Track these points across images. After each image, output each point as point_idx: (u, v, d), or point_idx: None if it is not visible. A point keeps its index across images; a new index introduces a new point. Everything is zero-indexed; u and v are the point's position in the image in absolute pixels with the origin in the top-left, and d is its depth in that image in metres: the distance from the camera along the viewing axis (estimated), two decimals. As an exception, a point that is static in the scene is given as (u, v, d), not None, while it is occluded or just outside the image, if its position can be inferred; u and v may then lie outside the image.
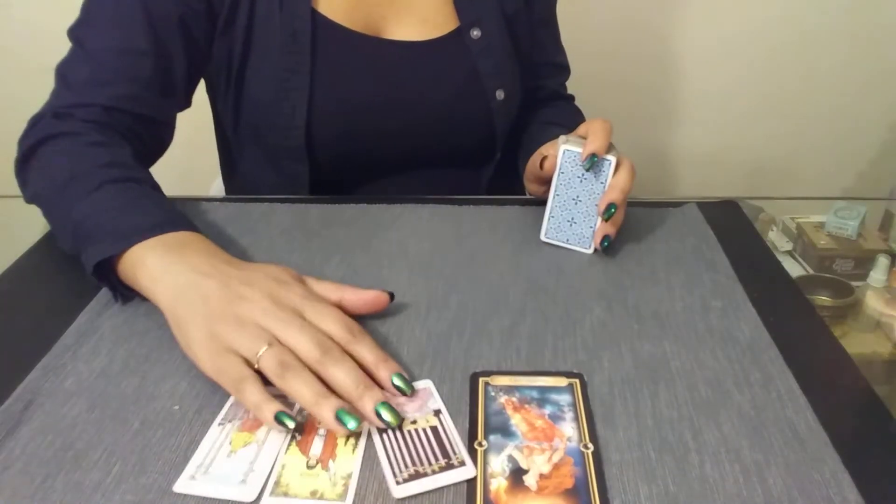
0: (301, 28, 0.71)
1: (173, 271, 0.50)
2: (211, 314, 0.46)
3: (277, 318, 0.46)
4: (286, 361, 0.44)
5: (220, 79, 0.77)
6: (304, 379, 0.43)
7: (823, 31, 1.46)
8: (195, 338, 0.46)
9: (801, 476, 0.40)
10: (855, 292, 0.78)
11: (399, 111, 0.77)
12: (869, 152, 1.61)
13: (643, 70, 1.51)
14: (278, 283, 0.49)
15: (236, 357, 0.44)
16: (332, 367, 0.44)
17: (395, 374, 0.46)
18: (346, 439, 0.43)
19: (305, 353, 0.44)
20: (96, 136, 0.64)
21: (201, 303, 0.47)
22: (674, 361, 0.50)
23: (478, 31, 0.78)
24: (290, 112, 0.73)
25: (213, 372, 0.45)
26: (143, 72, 0.68)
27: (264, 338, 0.45)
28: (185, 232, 0.54)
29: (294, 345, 0.45)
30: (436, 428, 0.43)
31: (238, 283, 0.48)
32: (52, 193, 0.60)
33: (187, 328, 0.47)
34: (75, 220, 0.56)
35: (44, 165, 0.63)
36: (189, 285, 0.49)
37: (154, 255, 0.51)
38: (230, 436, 0.43)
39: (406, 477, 0.40)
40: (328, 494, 0.39)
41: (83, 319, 0.54)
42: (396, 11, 0.77)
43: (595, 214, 0.63)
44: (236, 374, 0.44)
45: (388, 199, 0.73)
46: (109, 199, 0.57)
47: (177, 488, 0.39)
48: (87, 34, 0.68)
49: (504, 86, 0.81)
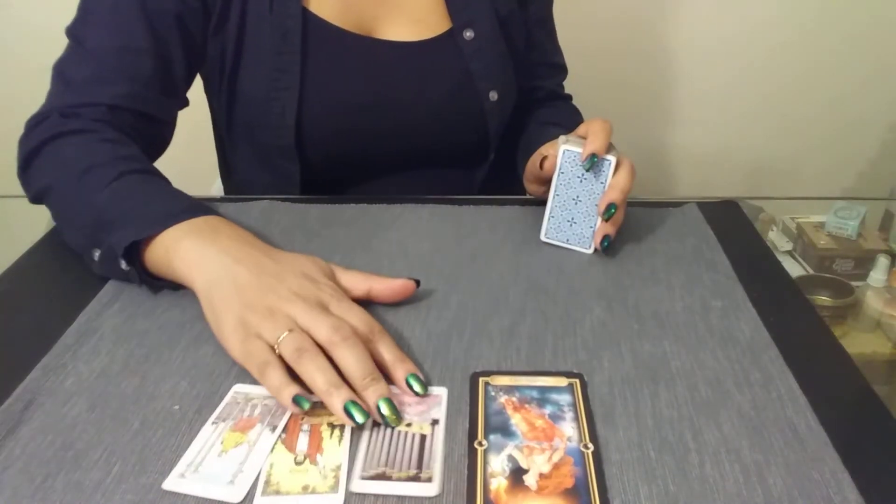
0: (292, 28, 0.71)
1: (208, 256, 0.52)
2: (243, 303, 0.48)
3: (303, 309, 0.47)
4: (303, 346, 0.45)
5: (214, 77, 0.77)
6: (318, 364, 0.44)
7: (823, 30, 1.46)
8: (227, 323, 0.48)
9: (801, 476, 0.40)
10: (855, 292, 0.78)
11: (391, 112, 0.77)
12: (869, 152, 1.61)
13: (643, 70, 1.51)
14: (308, 280, 0.51)
15: (263, 343, 0.46)
16: (345, 349, 0.45)
17: (411, 374, 0.46)
18: (331, 432, 0.43)
19: (322, 336, 0.46)
20: (109, 133, 0.64)
21: (235, 291, 0.49)
22: (674, 361, 0.50)
23: (471, 33, 0.78)
24: (280, 111, 0.73)
25: (241, 356, 0.47)
26: (143, 70, 0.68)
27: (287, 324, 0.46)
28: (215, 216, 0.56)
29: (313, 328, 0.46)
30: (424, 437, 0.43)
31: (270, 275, 0.50)
32: (67, 185, 0.60)
33: (220, 314, 0.49)
34: (98, 207, 0.57)
35: (56, 160, 0.63)
36: (224, 272, 0.51)
37: (188, 240, 0.53)
38: (222, 435, 0.43)
39: (371, 475, 0.40)
40: (320, 488, 0.40)
41: (83, 319, 0.54)
42: (389, 11, 0.77)
43: (595, 214, 0.63)
44: (261, 359, 0.45)
45: (387, 199, 0.73)
46: (133, 187, 0.58)
47: (166, 486, 0.39)
48: (85, 33, 0.68)
49: (497, 87, 0.80)
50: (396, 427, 0.44)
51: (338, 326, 0.46)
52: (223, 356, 0.49)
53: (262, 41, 0.72)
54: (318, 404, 0.44)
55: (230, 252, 0.52)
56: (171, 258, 0.53)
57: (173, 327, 0.53)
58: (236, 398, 0.46)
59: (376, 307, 0.55)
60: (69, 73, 0.68)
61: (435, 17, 0.78)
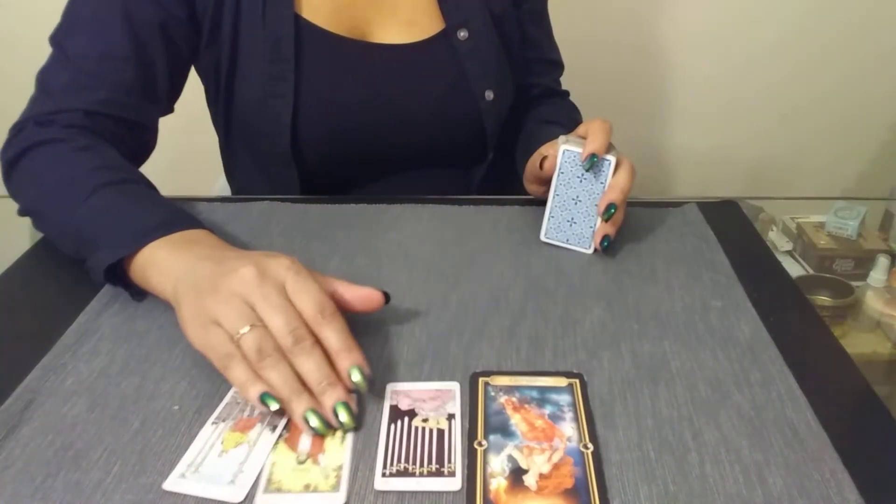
0: (285, 35, 0.71)
1: (178, 262, 0.51)
2: (202, 290, 0.47)
3: (260, 294, 0.45)
4: (264, 349, 0.44)
5: (210, 87, 0.77)
6: (279, 371, 0.44)
7: (823, 30, 1.46)
8: (186, 313, 0.47)
9: (801, 476, 0.40)
10: (855, 292, 0.78)
11: (387, 115, 0.77)
12: (869, 152, 1.61)
13: (643, 69, 1.51)
14: (268, 256, 0.49)
15: (223, 332, 0.45)
16: (301, 357, 0.44)
17: (353, 366, 0.45)
18: (333, 432, 0.43)
19: (282, 339, 0.44)
20: (81, 140, 0.64)
21: (194, 282, 0.48)
22: (674, 361, 0.50)
23: (465, 33, 0.78)
24: (275, 118, 0.73)
25: (202, 346, 0.46)
26: (124, 76, 0.67)
27: (246, 317, 0.45)
28: (193, 230, 0.55)
29: (271, 327, 0.45)
30: (443, 432, 0.43)
31: (231, 259, 0.49)
32: (46, 204, 0.60)
33: (182, 306, 0.48)
34: (75, 226, 0.56)
35: (32, 175, 0.63)
36: (188, 270, 0.50)
37: (163, 252, 0.52)
38: (222, 435, 0.43)
39: (393, 472, 0.40)
40: (321, 487, 0.40)
41: (83, 319, 0.54)
42: (381, 13, 0.76)
43: (595, 214, 0.63)
44: (222, 350, 0.44)
45: (387, 200, 0.73)
46: (108, 203, 0.57)
47: (166, 486, 0.40)
48: (67, 40, 0.68)
49: (493, 86, 0.80)
50: (413, 422, 0.44)
51: (293, 328, 0.44)
52: (223, 356, 0.49)
53: (255, 50, 0.72)
54: None
55: (199, 254, 0.51)
56: (148, 274, 0.53)
57: (173, 327, 0.53)
58: (236, 398, 0.46)
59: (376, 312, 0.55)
60: (49, 80, 0.68)
61: (428, 18, 0.78)
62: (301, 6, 0.73)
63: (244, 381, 0.43)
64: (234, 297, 0.46)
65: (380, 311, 0.54)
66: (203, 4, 0.70)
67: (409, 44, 0.77)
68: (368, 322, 0.53)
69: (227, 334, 0.45)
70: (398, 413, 0.45)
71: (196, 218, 0.57)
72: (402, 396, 0.46)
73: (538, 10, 0.88)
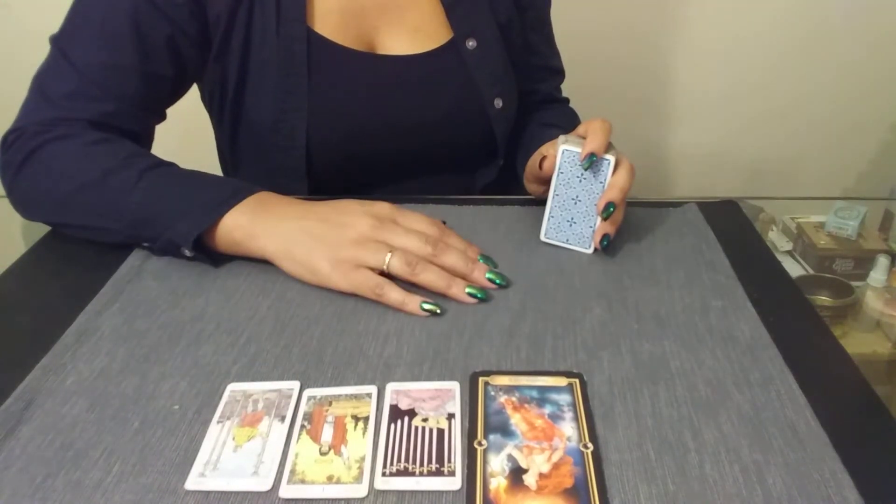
0: (298, 49, 0.71)
1: (270, 225, 0.58)
2: (328, 245, 0.56)
3: (384, 230, 0.57)
4: (411, 262, 0.55)
5: (215, 102, 0.76)
6: (431, 270, 0.55)
7: (823, 31, 1.46)
8: (325, 267, 0.56)
9: (801, 476, 0.40)
10: (855, 292, 0.78)
11: (398, 126, 0.77)
12: (869, 152, 1.61)
13: (643, 69, 1.51)
14: (364, 207, 0.60)
15: (366, 270, 0.55)
16: (443, 256, 0.57)
17: (479, 255, 0.60)
18: (354, 424, 0.44)
19: (420, 251, 0.56)
20: (92, 135, 0.63)
21: (313, 240, 0.57)
22: (674, 361, 0.50)
23: (473, 42, 0.78)
24: (289, 133, 0.73)
25: (352, 287, 0.55)
26: (128, 88, 0.67)
27: (384, 249, 0.56)
28: (259, 192, 0.61)
29: (408, 247, 0.56)
30: (443, 431, 0.43)
31: (334, 214, 0.58)
32: (83, 196, 0.60)
33: (313, 263, 0.56)
34: (131, 209, 0.59)
35: (54, 170, 0.62)
36: (294, 231, 0.57)
37: (244, 218, 0.58)
38: (232, 432, 0.43)
39: (393, 471, 0.40)
40: (344, 478, 0.40)
41: (83, 319, 0.54)
42: (388, 23, 0.76)
43: (595, 214, 0.63)
44: (373, 283, 0.54)
45: (388, 200, 0.72)
46: (165, 182, 0.61)
47: (188, 486, 0.40)
48: (72, 46, 0.66)
49: (502, 94, 0.80)
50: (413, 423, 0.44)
51: (425, 239, 0.57)
52: (223, 356, 0.50)
53: (267, 64, 0.71)
54: (341, 398, 0.45)
55: (288, 215, 0.59)
56: (236, 238, 0.58)
57: (173, 327, 0.53)
58: (234, 396, 0.46)
59: (376, 306, 0.55)
60: (49, 87, 0.66)
61: (434, 27, 0.77)
62: (311, 19, 0.72)
63: (402, 300, 0.54)
64: (366, 240, 0.56)
65: (380, 311, 0.54)
66: (215, 19, 0.69)
67: (418, 54, 0.77)
68: (368, 322, 0.53)
69: (370, 271, 0.55)
70: (398, 412, 0.45)
71: (247, 183, 0.62)
72: (401, 396, 0.46)
73: (541, 18, 0.88)
